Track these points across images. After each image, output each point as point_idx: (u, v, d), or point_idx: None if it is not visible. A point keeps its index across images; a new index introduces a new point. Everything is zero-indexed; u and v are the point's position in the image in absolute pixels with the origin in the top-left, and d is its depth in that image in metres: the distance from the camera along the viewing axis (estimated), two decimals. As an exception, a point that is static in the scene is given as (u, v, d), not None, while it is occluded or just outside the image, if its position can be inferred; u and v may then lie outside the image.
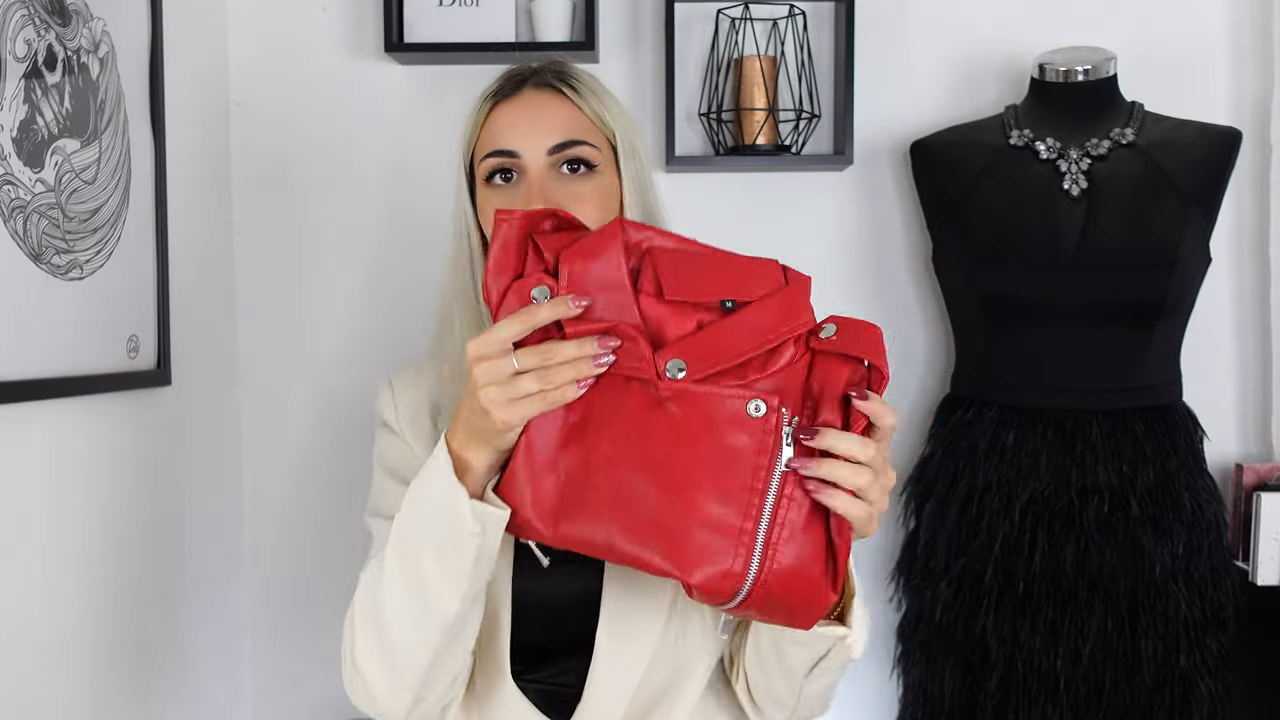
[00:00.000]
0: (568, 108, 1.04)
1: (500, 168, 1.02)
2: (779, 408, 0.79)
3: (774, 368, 0.81)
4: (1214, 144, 1.65)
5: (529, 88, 1.05)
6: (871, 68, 1.84)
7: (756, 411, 0.79)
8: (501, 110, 1.04)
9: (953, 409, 1.70)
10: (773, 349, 0.81)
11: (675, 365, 0.80)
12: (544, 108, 1.03)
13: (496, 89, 1.06)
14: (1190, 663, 1.56)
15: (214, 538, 1.78)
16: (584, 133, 1.03)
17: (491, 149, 1.03)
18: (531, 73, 1.06)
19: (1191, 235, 1.59)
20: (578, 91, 1.04)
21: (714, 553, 0.78)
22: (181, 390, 1.63)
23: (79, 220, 1.34)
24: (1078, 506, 1.57)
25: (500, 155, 1.02)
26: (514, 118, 1.03)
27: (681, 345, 0.80)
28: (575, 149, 1.02)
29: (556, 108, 1.04)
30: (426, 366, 1.13)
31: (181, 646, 1.66)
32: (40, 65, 1.27)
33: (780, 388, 0.81)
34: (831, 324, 0.82)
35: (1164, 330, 1.60)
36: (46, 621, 1.29)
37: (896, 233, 1.88)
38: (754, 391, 0.80)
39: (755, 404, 0.79)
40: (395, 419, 1.11)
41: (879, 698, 1.89)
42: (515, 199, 1.01)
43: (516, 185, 1.02)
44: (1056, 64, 1.68)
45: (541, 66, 1.07)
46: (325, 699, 1.91)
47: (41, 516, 1.29)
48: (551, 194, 1.00)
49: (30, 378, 1.23)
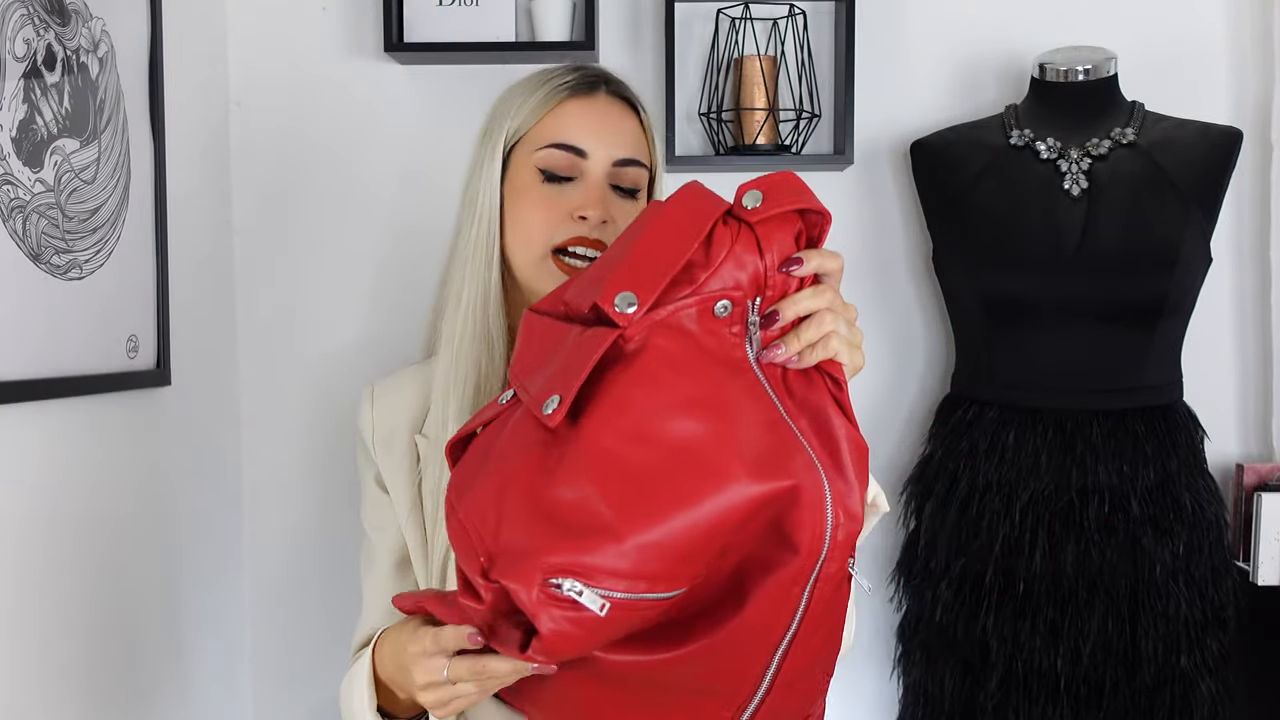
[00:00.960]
0: (637, 127, 1.03)
1: (560, 164, 0.99)
2: (743, 299, 0.74)
3: (717, 260, 0.74)
4: (1214, 144, 1.65)
5: (605, 92, 1.03)
6: (871, 68, 1.84)
7: (724, 311, 0.74)
8: (575, 105, 1.01)
9: (953, 409, 1.70)
10: (705, 240, 0.74)
11: (624, 299, 0.72)
12: (618, 118, 1.02)
13: (571, 82, 1.02)
14: (1191, 663, 1.56)
15: (214, 538, 1.78)
16: (643, 155, 1.02)
17: (558, 140, 0.99)
18: (607, 78, 1.04)
19: (1192, 235, 1.59)
20: (645, 113, 1.04)
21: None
22: (181, 390, 1.63)
23: (78, 220, 1.34)
24: (1078, 506, 1.57)
25: (567, 150, 0.99)
26: (589, 117, 1.01)
27: (615, 279, 0.73)
28: (634, 169, 1.01)
29: (629, 123, 1.03)
30: (410, 371, 1.11)
31: (181, 646, 1.66)
32: (39, 65, 1.27)
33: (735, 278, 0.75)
34: (753, 190, 0.75)
35: (1164, 330, 1.60)
36: (46, 621, 1.29)
37: (896, 233, 1.88)
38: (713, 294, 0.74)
39: (722, 304, 0.74)
40: (370, 436, 1.08)
41: (879, 698, 1.89)
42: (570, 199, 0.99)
43: (573, 185, 1.00)
44: (1057, 64, 1.68)
45: (612, 75, 1.05)
46: (325, 699, 1.91)
47: (41, 516, 1.29)
48: (611, 207, 0.99)
49: (30, 378, 1.23)
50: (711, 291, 0.74)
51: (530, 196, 1.00)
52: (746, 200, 0.75)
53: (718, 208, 0.75)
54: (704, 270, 0.74)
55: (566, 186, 1.00)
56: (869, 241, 1.89)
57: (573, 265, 0.98)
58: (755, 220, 0.75)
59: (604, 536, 0.68)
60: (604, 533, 0.68)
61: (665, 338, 0.73)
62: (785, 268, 0.75)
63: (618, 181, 1.00)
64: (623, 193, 1.01)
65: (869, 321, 1.90)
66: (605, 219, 0.98)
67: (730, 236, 0.74)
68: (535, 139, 1.01)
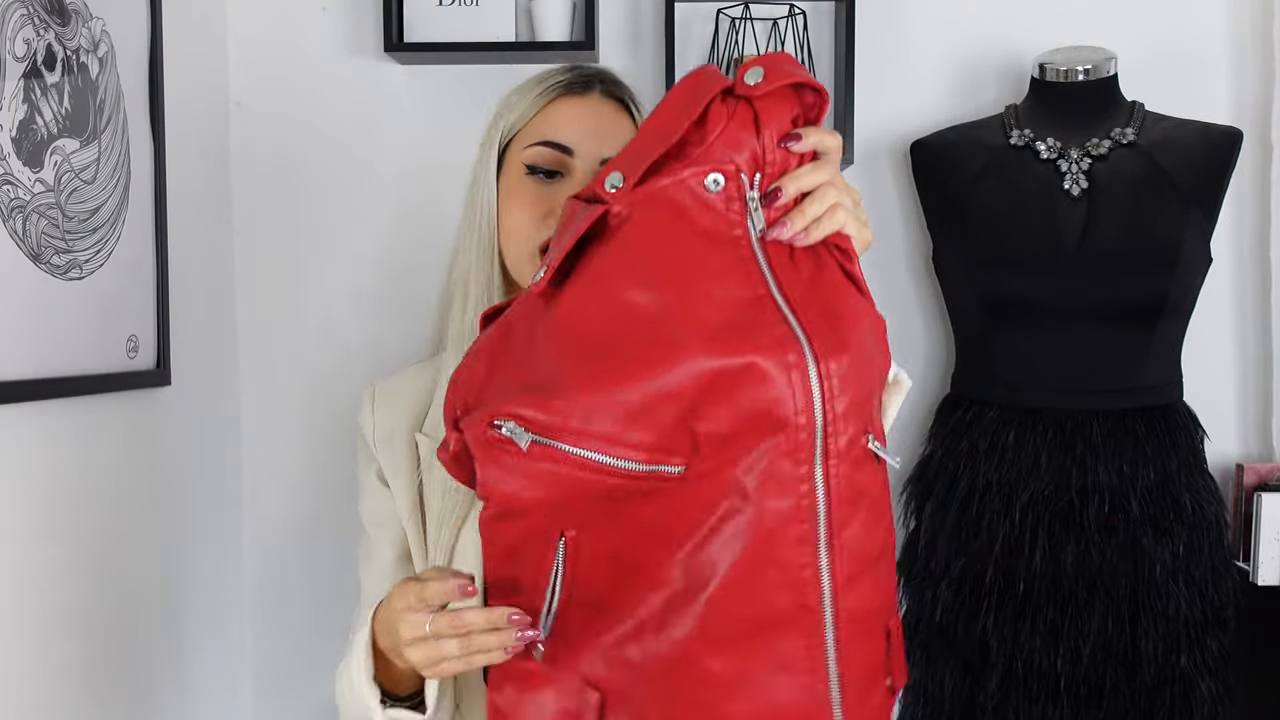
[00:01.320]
0: (629, 127, 1.03)
1: (547, 160, 1.00)
2: (736, 174, 0.74)
3: (712, 136, 0.74)
4: (1215, 144, 1.65)
5: (598, 92, 1.03)
6: (871, 68, 1.84)
7: (715, 186, 0.74)
8: (566, 104, 1.01)
9: (953, 409, 1.70)
10: (699, 119, 0.74)
11: (613, 178, 0.75)
12: (610, 118, 1.02)
13: (564, 81, 1.03)
14: (1191, 663, 1.56)
15: (214, 538, 1.78)
16: None
17: (546, 138, 1.00)
18: (600, 77, 1.04)
19: (1192, 235, 1.59)
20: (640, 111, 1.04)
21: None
22: (181, 390, 1.63)
23: (78, 220, 1.34)
24: (1078, 506, 1.57)
25: (554, 148, 0.99)
26: (579, 116, 1.01)
27: (612, 162, 0.76)
28: None
29: (621, 123, 1.02)
30: (412, 371, 1.11)
31: (181, 646, 1.65)
32: (39, 65, 1.27)
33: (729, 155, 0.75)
34: (755, 66, 0.75)
35: (1165, 330, 1.60)
36: (46, 621, 1.29)
37: (896, 233, 1.88)
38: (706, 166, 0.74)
39: (712, 178, 0.74)
40: (371, 435, 1.08)
41: (879, 698, 1.89)
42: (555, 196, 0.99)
43: (558, 183, 1.00)
44: (1057, 64, 1.68)
45: (608, 74, 1.05)
46: (325, 699, 1.90)
47: (41, 516, 1.29)
48: None
49: (30, 378, 1.23)
50: (702, 167, 0.74)
51: (518, 194, 1.01)
52: (749, 77, 0.75)
53: (715, 85, 0.75)
54: (697, 147, 0.74)
55: (554, 183, 1.00)
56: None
57: None
58: (755, 95, 0.74)
59: (555, 394, 0.72)
60: (556, 391, 0.72)
61: (651, 211, 0.74)
62: (784, 143, 0.75)
63: None
64: None
65: (869, 321, 1.90)
66: None
67: (726, 114, 0.75)
68: (527, 136, 1.01)
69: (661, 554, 0.74)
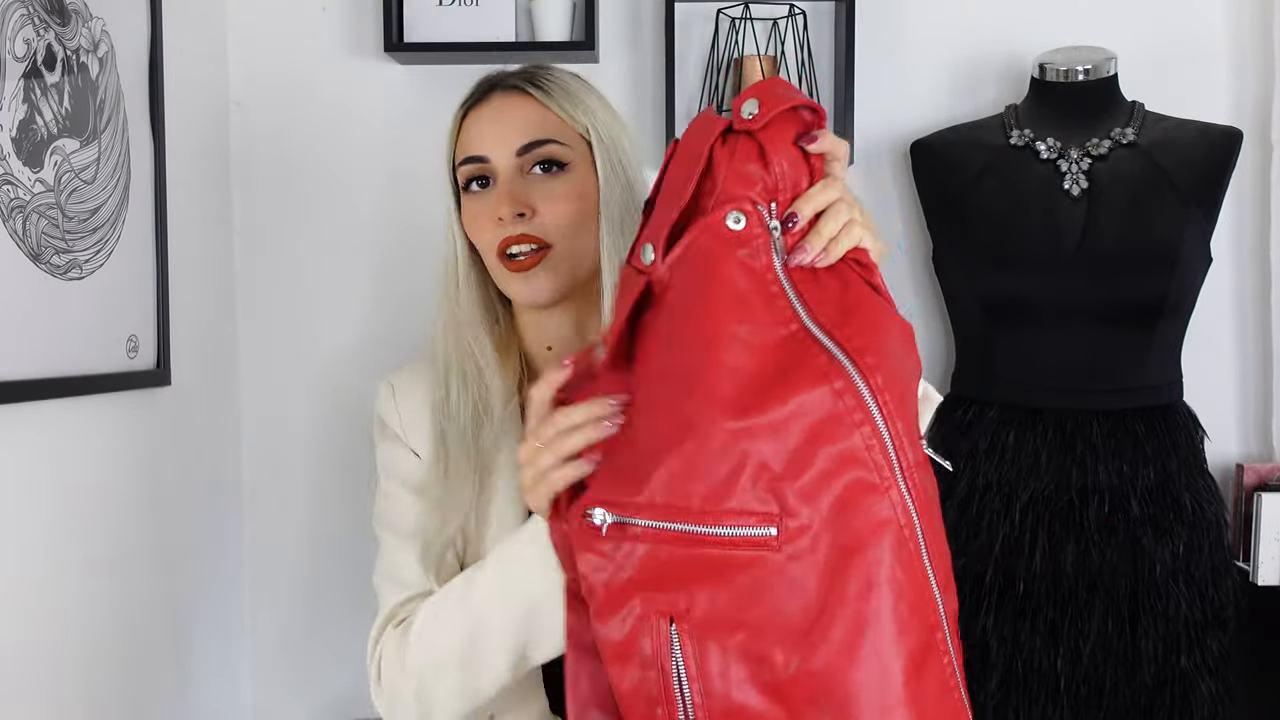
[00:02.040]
0: (535, 108, 1.05)
1: (474, 175, 1.05)
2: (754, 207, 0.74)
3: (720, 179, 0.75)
4: (1214, 144, 1.65)
5: (497, 93, 1.07)
6: (871, 68, 1.84)
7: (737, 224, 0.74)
8: (472, 117, 1.07)
9: (953, 409, 1.70)
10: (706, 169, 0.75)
11: (645, 253, 0.75)
12: (510, 110, 1.05)
13: (468, 97, 1.09)
14: (1191, 663, 1.56)
15: (214, 538, 1.78)
16: (553, 131, 1.04)
17: (464, 156, 1.05)
18: (502, 77, 1.08)
19: (1192, 235, 1.59)
20: (545, 90, 1.05)
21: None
22: (181, 390, 1.63)
23: (78, 220, 1.34)
24: (1078, 506, 1.57)
25: (472, 162, 1.04)
26: (482, 123, 1.05)
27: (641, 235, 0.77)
28: (543, 148, 1.03)
29: (523, 109, 1.05)
30: (421, 365, 1.14)
31: (181, 646, 1.65)
32: (39, 65, 1.27)
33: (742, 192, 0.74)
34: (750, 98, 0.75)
35: (1164, 330, 1.60)
36: (45, 621, 1.29)
37: (896, 232, 1.88)
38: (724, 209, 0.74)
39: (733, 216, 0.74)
40: (399, 423, 1.11)
41: (879, 698, 1.89)
42: (490, 203, 1.03)
43: (490, 190, 1.04)
44: (1057, 64, 1.68)
45: (514, 70, 1.09)
46: (325, 699, 1.91)
47: (41, 516, 1.29)
48: (523, 195, 1.01)
49: (30, 378, 1.23)
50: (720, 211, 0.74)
51: (468, 213, 1.06)
52: (745, 110, 0.75)
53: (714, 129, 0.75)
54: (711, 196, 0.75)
55: (488, 192, 1.05)
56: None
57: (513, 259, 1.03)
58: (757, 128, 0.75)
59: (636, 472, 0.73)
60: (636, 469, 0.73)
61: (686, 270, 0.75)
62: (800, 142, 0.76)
63: (533, 163, 1.03)
64: (546, 170, 1.03)
65: (869, 321, 1.90)
66: (521, 210, 1.01)
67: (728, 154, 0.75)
68: (456, 160, 1.08)
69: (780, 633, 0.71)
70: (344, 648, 1.85)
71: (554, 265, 1.02)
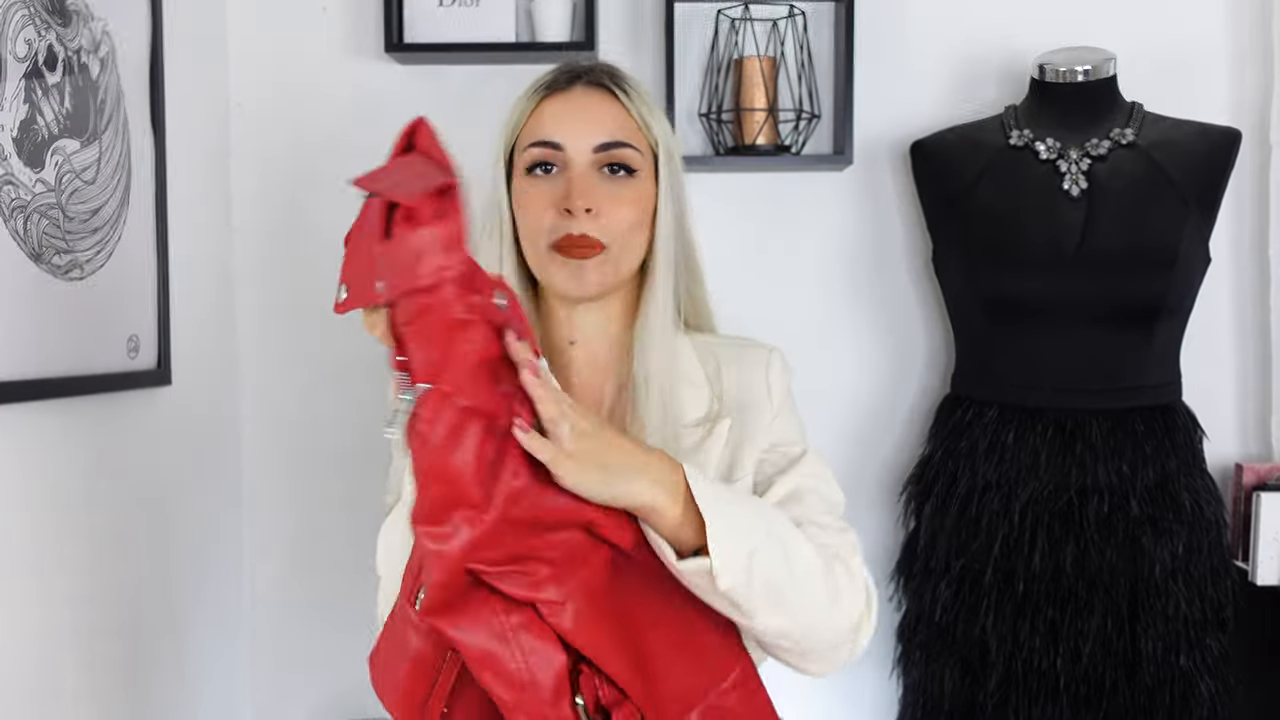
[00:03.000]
0: (617, 109, 1.05)
1: (543, 159, 1.03)
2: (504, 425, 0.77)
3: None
4: (1214, 144, 1.65)
5: (581, 84, 1.05)
6: (871, 68, 1.84)
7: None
8: (551, 103, 1.05)
9: (953, 409, 1.70)
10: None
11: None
12: (594, 106, 1.04)
13: (549, 81, 1.06)
14: (1190, 662, 1.56)
15: (214, 538, 1.78)
16: (629, 135, 1.04)
17: (536, 139, 1.03)
18: (585, 70, 1.07)
19: (1191, 235, 1.59)
20: (628, 94, 1.05)
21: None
22: (181, 390, 1.63)
23: (79, 220, 1.34)
24: (1077, 506, 1.57)
25: (545, 146, 1.03)
26: (563, 111, 1.04)
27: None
28: (620, 151, 1.02)
29: (606, 107, 1.04)
30: None
31: (181, 646, 1.66)
32: (41, 65, 1.27)
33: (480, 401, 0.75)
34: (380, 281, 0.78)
35: (1164, 330, 1.60)
36: (46, 621, 1.29)
37: (896, 233, 1.88)
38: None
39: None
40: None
41: (879, 698, 1.89)
42: (555, 190, 1.02)
43: (556, 177, 1.03)
44: (1056, 64, 1.68)
45: (594, 66, 1.08)
46: (325, 699, 1.91)
47: (41, 516, 1.29)
48: (593, 192, 1.01)
49: (30, 378, 1.23)
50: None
51: (524, 197, 1.04)
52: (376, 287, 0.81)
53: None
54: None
55: (553, 178, 1.03)
56: (869, 241, 1.89)
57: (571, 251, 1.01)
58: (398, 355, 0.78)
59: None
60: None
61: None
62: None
63: (605, 163, 1.03)
64: (614, 173, 1.03)
65: (869, 321, 1.90)
66: (589, 207, 1.01)
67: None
68: (523, 141, 1.05)
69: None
70: (344, 647, 1.84)
71: (603, 264, 1.02)
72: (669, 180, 1.06)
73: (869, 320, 1.90)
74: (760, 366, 1.08)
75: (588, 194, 1.00)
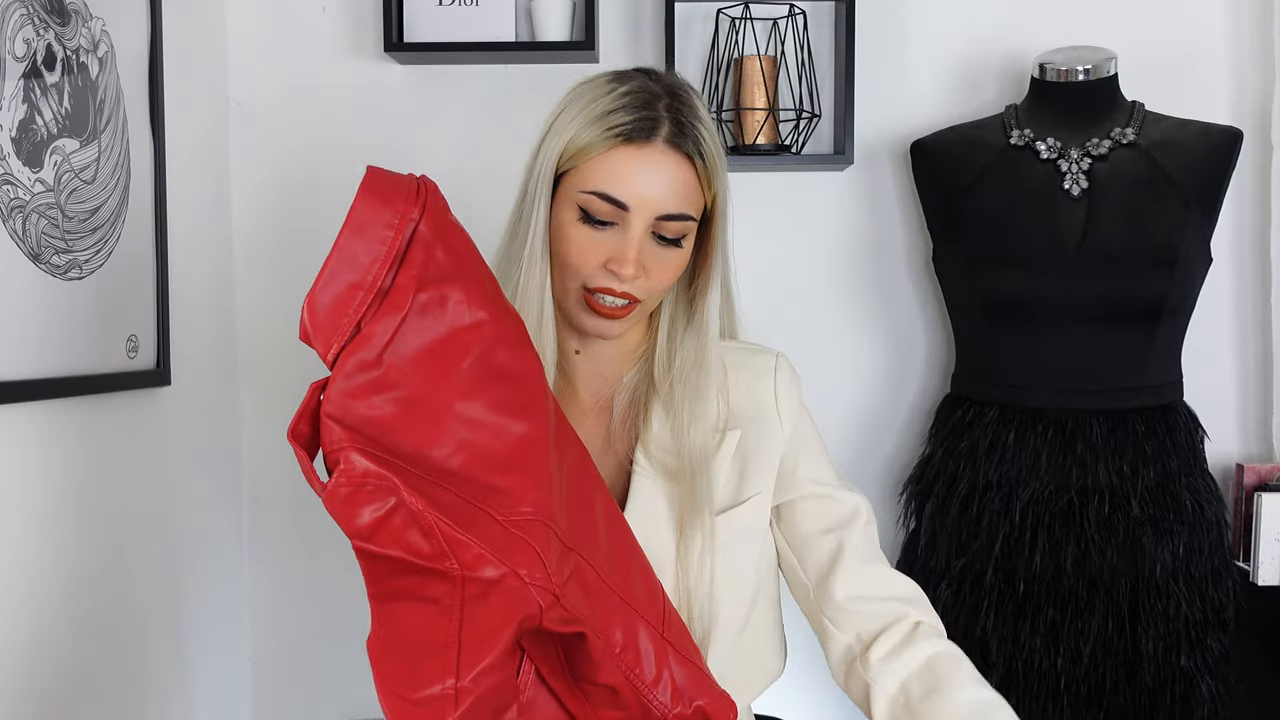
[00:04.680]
0: (690, 176, 0.99)
1: (605, 214, 0.98)
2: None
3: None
4: (1215, 144, 1.65)
5: (662, 142, 0.98)
6: (871, 68, 1.84)
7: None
8: (627, 154, 0.98)
9: (953, 409, 1.70)
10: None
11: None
12: (673, 171, 0.98)
13: (629, 126, 0.98)
14: (1191, 663, 1.56)
15: (214, 538, 1.78)
16: (693, 205, 1.00)
17: (604, 191, 0.97)
18: (666, 121, 0.99)
19: (1192, 235, 1.59)
20: (704, 158, 1.00)
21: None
22: (181, 390, 1.63)
23: (78, 220, 1.34)
24: (1078, 506, 1.57)
25: (611, 203, 0.97)
26: (638, 173, 0.97)
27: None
28: (679, 224, 0.99)
29: (682, 175, 0.99)
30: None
31: (181, 646, 1.66)
32: (39, 65, 1.27)
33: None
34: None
35: (1165, 330, 1.60)
36: (46, 620, 1.29)
37: (896, 233, 1.88)
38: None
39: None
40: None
41: (879, 698, 1.89)
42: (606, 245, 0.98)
43: (609, 232, 0.98)
44: (1057, 64, 1.68)
45: (677, 111, 1.00)
46: (325, 699, 1.91)
47: (41, 516, 1.29)
48: (648, 259, 0.99)
49: (30, 378, 1.23)
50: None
51: (570, 236, 1.00)
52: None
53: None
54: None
55: (606, 231, 0.99)
56: (869, 241, 1.89)
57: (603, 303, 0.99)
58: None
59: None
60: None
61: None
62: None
63: (660, 232, 0.99)
64: (665, 241, 1.00)
65: (869, 321, 1.90)
66: (638, 275, 0.98)
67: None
68: (583, 179, 0.99)
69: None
70: (344, 647, 1.85)
71: (631, 318, 1.01)
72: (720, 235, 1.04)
73: (869, 320, 1.90)
74: (767, 375, 1.07)
75: (640, 262, 0.98)
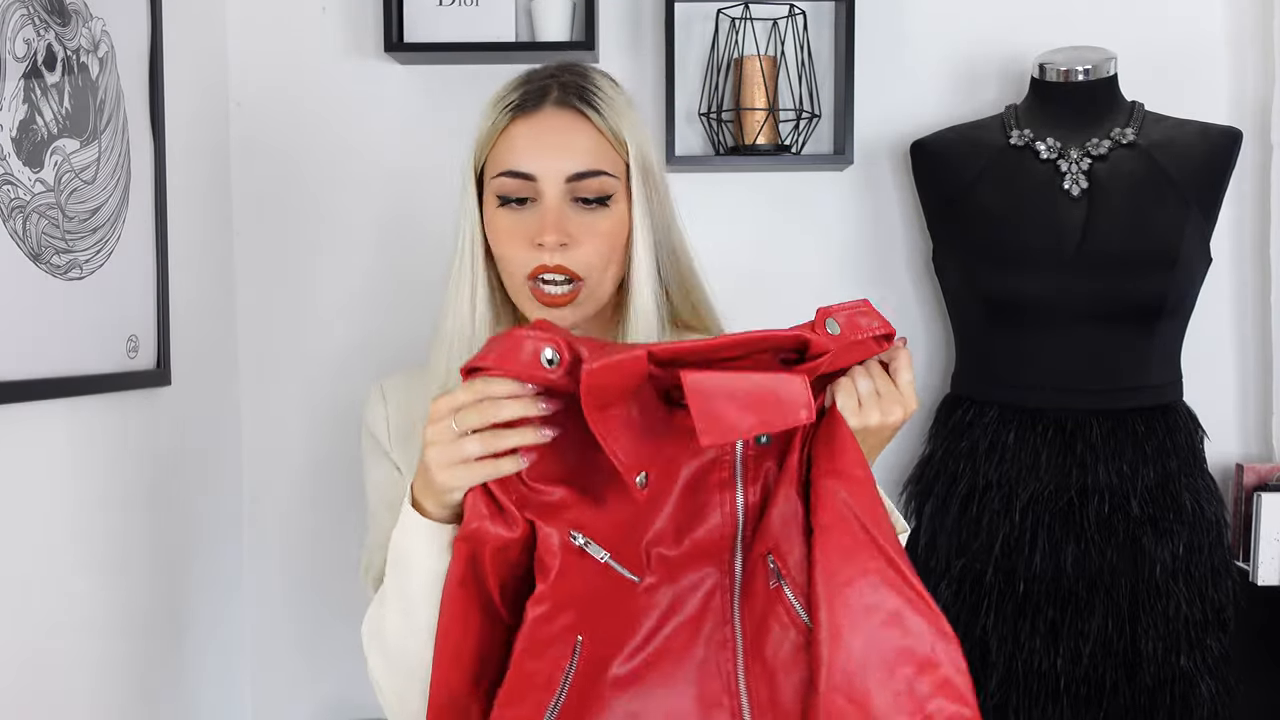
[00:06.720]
0: (589, 132, 1.00)
1: (516, 193, 0.99)
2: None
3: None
4: (1214, 144, 1.65)
5: (550, 105, 1.00)
6: (871, 68, 1.84)
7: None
8: (520, 127, 1.00)
9: (953, 409, 1.70)
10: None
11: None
12: (564, 131, 0.99)
13: (517, 101, 1.00)
14: (1191, 663, 1.56)
15: (214, 538, 1.78)
16: (602, 160, 0.99)
17: (507, 168, 0.99)
18: (553, 86, 1.01)
19: (1192, 235, 1.59)
20: (599, 111, 1.00)
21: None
22: (181, 390, 1.63)
23: (78, 220, 1.34)
24: (1078, 506, 1.57)
25: (516, 177, 0.98)
26: (533, 138, 0.99)
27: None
28: (595, 180, 0.99)
29: (577, 130, 0.99)
30: (416, 373, 1.10)
31: (181, 646, 1.66)
32: (40, 65, 1.27)
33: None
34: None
35: (1164, 330, 1.60)
36: (46, 620, 1.29)
37: (896, 233, 1.88)
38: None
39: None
40: (386, 435, 1.07)
41: (879, 698, 1.89)
42: (529, 224, 0.99)
43: (529, 209, 0.99)
44: (1057, 64, 1.68)
45: (563, 78, 1.02)
46: (325, 699, 1.91)
47: (41, 516, 1.29)
48: (566, 225, 0.98)
49: (30, 378, 1.23)
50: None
51: (496, 227, 1.01)
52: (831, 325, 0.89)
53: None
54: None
55: (526, 210, 1.00)
56: (869, 241, 1.89)
57: (546, 291, 0.99)
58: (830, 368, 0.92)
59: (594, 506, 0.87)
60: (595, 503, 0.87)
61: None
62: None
63: (579, 194, 0.99)
64: (587, 204, 0.99)
65: (869, 321, 1.90)
66: (563, 241, 0.98)
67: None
68: (492, 166, 1.01)
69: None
70: (344, 647, 1.85)
71: (582, 300, 1.00)
72: (643, 192, 1.02)
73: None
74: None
75: (561, 228, 0.98)
